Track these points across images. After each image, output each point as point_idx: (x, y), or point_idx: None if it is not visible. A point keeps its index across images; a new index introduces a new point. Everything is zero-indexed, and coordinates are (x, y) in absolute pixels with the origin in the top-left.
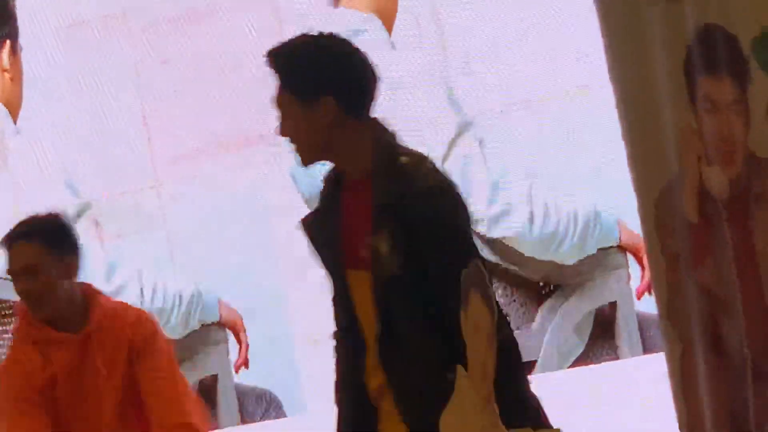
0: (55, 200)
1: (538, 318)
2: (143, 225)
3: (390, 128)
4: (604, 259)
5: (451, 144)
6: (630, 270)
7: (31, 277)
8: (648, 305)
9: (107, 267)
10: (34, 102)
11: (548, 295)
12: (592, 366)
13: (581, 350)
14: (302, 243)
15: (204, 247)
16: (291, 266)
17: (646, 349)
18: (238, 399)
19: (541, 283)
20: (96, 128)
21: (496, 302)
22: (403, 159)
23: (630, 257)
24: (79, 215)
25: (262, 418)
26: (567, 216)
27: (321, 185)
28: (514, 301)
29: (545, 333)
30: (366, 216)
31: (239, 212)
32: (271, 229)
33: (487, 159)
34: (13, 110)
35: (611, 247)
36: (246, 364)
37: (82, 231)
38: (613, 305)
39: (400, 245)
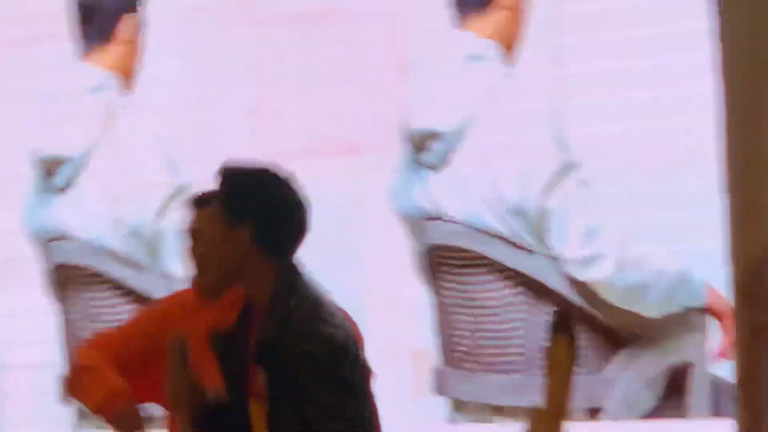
0: (154, 176)
1: (611, 365)
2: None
3: (304, 274)
4: (686, 318)
5: (554, 181)
6: (710, 332)
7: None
8: (723, 370)
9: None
10: (148, 77)
11: (625, 345)
12: (659, 421)
13: (650, 404)
14: (389, 257)
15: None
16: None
17: (715, 413)
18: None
19: (620, 332)
20: (204, 113)
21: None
22: (293, 302)
23: (712, 320)
24: (175, 196)
25: None
26: (657, 270)
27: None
28: (592, 345)
29: (616, 381)
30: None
31: (333, 218)
32: (360, 240)
33: (587, 202)
34: (127, 81)
35: (696, 307)
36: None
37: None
38: (688, 365)
39: (275, 385)
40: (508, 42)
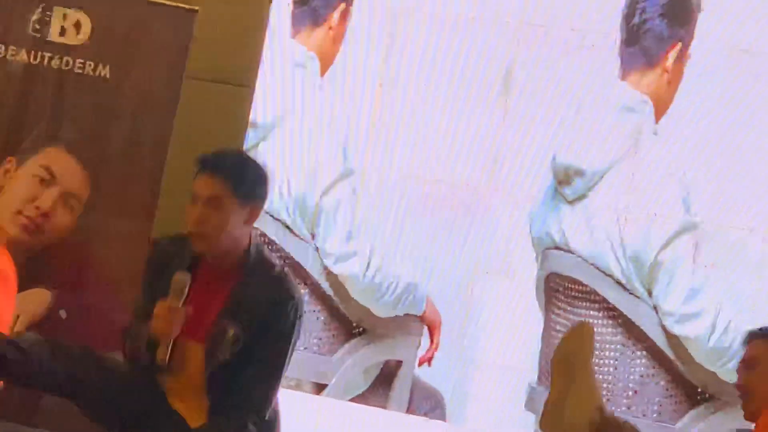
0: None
1: (684, 419)
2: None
3: None
4: None
5: (670, 240)
6: None
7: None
8: None
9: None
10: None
11: (701, 402)
12: None
13: None
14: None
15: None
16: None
17: None
18: (411, 390)
19: (699, 389)
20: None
21: None
22: (277, 270)
23: None
24: (342, 178)
25: (426, 414)
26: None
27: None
28: (672, 396)
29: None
30: (217, 301)
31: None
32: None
33: (696, 263)
34: (325, 64)
35: None
36: (429, 362)
37: (339, 193)
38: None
39: (245, 335)
40: (661, 102)
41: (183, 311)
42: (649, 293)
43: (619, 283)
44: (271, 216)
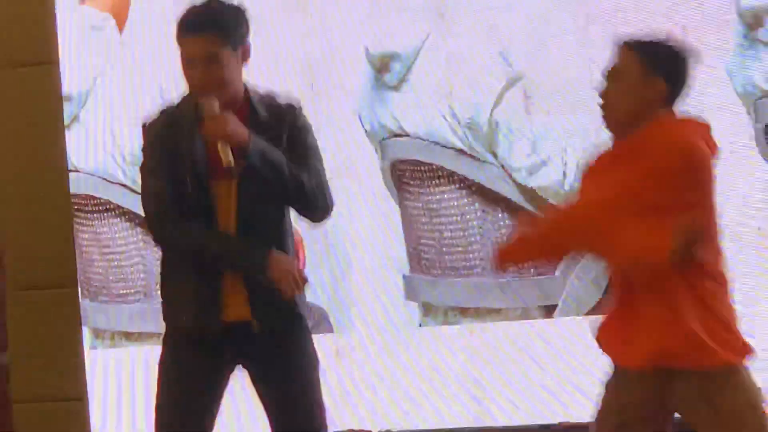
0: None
1: (561, 265)
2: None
3: None
4: None
5: (499, 97)
6: None
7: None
8: None
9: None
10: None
11: None
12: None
13: (597, 299)
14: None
15: None
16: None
17: None
18: None
19: None
20: None
21: None
22: (278, 97)
23: None
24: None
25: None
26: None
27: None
28: None
29: (566, 280)
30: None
31: None
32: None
33: (531, 113)
34: (120, 21)
35: None
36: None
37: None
38: None
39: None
40: None
41: (231, 116)
42: (494, 155)
43: (462, 152)
44: (110, 182)
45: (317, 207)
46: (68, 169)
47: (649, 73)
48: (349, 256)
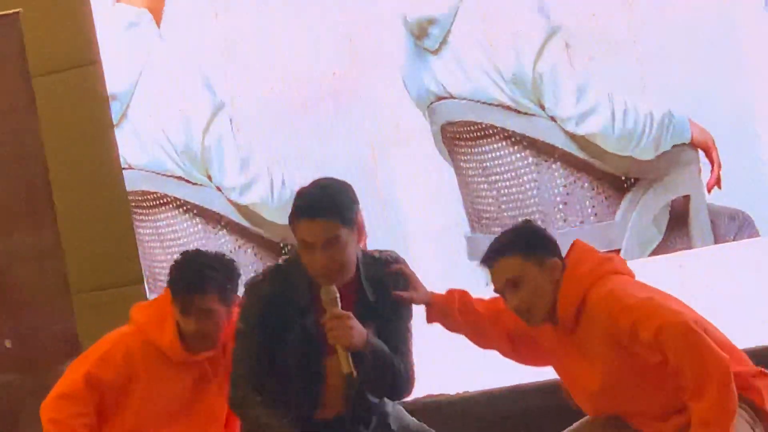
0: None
1: (620, 210)
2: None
3: None
4: (677, 155)
5: (541, 48)
6: (701, 165)
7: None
8: (716, 198)
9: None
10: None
11: (629, 189)
12: (668, 255)
13: (659, 240)
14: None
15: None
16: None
17: (716, 239)
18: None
19: (623, 177)
20: None
21: None
22: (378, 255)
23: (701, 153)
24: (216, 112)
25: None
26: (644, 116)
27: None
28: (600, 193)
29: (627, 224)
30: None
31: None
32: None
33: (573, 62)
34: (157, 15)
35: (684, 144)
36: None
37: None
38: (686, 198)
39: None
40: None
41: (351, 317)
42: (542, 107)
43: (508, 107)
44: (164, 175)
45: (402, 392)
46: (122, 167)
47: (541, 263)
48: (408, 224)
